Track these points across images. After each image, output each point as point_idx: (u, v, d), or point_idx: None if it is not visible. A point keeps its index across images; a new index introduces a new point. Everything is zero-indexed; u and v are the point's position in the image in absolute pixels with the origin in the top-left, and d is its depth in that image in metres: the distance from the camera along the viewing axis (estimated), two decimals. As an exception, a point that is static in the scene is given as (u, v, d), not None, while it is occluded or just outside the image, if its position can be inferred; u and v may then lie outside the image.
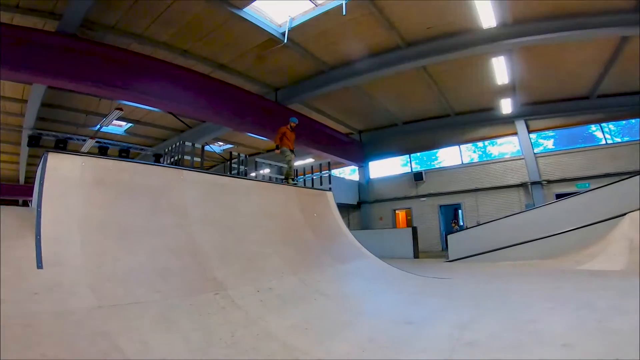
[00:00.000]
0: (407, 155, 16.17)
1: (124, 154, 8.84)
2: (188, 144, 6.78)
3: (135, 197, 3.51)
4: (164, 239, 3.40)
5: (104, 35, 8.09)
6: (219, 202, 4.47)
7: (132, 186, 3.55)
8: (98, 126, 11.95)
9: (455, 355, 2.46)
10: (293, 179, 7.82)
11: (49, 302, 2.22)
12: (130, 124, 13.55)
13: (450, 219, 15.91)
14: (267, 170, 10.10)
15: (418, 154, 16.00)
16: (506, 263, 8.08)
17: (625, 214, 7.03)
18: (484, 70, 10.43)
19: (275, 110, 11.64)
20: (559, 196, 11.15)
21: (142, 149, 11.93)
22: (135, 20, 7.93)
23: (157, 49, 8.85)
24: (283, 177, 7.88)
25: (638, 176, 7.69)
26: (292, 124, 7.80)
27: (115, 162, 3.65)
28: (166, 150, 7.51)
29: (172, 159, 6.90)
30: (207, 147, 12.62)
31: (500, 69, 10.10)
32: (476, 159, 14.74)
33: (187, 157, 6.59)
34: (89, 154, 3.96)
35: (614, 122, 12.62)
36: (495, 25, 8.18)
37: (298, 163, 14.60)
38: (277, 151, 7.60)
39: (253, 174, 8.82)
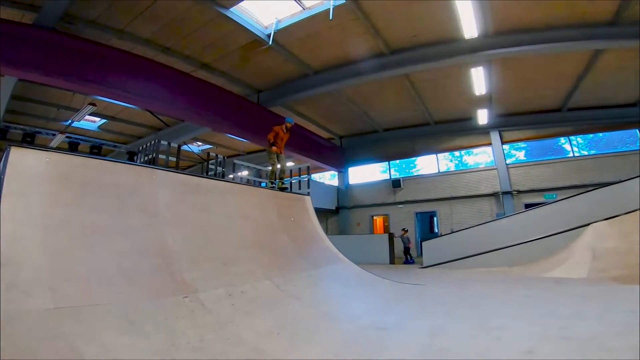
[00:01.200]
0: (387, 162, 16.44)
1: (96, 151, 8.47)
2: (164, 142, 6.59)
3: (103, 196, 3.36)
4: (131, 239, 3.27)
5: (83, 29, 7.84)
6: (192, 204, 4.36)
7: (99, 184, 3.40)
8: (69, 121, 11.46)
9: (426, 363, 2.49)
10: (273, 182, 7.37)
11: (3, 303, 2.09)
12: (104, 120, 13.10)
13: (427, 226, 16.26)
14: (245, 173, 9.96)
15: (397, 161, 16.32)
16: (477, 270, 8.29)
17: (588, 224, 7.43)
18: (463, 80, 10.76)
19: (257, 112, 11.56)
20: (528, 206, 11.63)
21: (115, 146, 11.50)
22: (117, 15, 7.75)
23: (137, 45, 8.64)
24: (271, 180, 7.42)
25: (608, 187, 8.19)
26: (288, 125, 7.37)
27: (82, 158, 3.48)
28: (140, 148, 7.26)
29: (147, 158, 6.68)
30: (185, 147, 12.36)
31: (479, 80, 10.39)
32: (452, 168, 15.19)
33: (162, 157, 6.40)
34: (56, 149, 3.78)
35: (581, 136, 13.35)
36: (476, 35, 8.42)
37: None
38: (274, 149, 7.20)
39: (231, 176, 8.68)
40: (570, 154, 13.30)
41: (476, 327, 3.27)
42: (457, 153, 15.24)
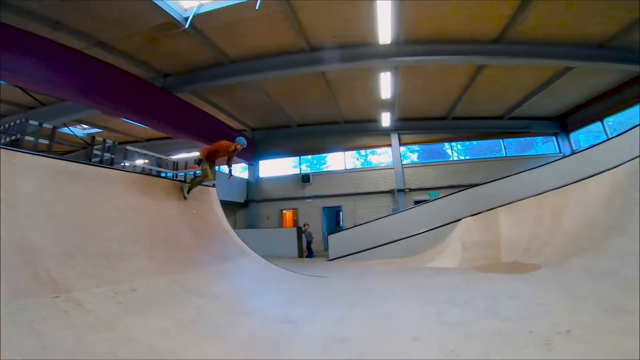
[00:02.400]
0: (298, 157, 16.77)
1: None
2: (33, 122, 5.40)
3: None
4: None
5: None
6: (66, 193, 3.74)
7: None
8: None
9: (329, 351, 2.60)
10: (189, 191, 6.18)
11: None
12: (-49, 93, 10.21)
13: (334, 220, 17.12)
14: (140, 161, 8.87)
15: (309, 156, 16.78)
16: (377, 262, 8.89)
17: (460, 220, 8.80)
18: (372, 84, 11.41)
19: (160, 97, 10.51)
20: (417, 202, 13.22)
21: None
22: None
23: (16, 15, 7.03)
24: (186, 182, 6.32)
25: (476, 187, 9.75)
26: (238, 147, 6.12)
27: None
28: (2, 128, 5.80)
29: (8, 139, 5.39)
30: (65, 129, 10.48)
31: (386, 84, 11.13)
32: (358, 166, 16.34)
33: (30, 139, 5.24)
34: None
35: (460, 142, 15.87)
36: (389, 42, 8.97)
37: (182, 156, 13.50)
38: (197, 166, 6.13)
39: (122, 164, 7.63)
40: (452, 158, 15.71)
41: (373, 316, 3.56)
42: (363, 152, 16.44)
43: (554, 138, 15.29)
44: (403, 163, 15.41)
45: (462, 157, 15.86)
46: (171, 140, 14.92)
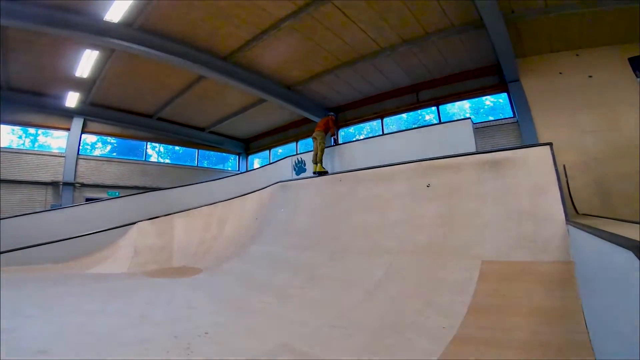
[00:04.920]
0: None
1: None
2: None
3: None
4: None
5: None
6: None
7: None
8: None
9: None
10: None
11: None
12: None
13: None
14: None
15: None
16: (15, 269, 6.83)
17: (136, 223, 8.57)
18: (69, 57, 9.24)
19: None
20: (89, 200, 11.51)
21: None
22: None
23: None
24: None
25: (154, 192, 9.82)
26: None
27: None
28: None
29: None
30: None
31: (88, 63, 9.48)
32: (25, 145, 12.23)
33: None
34: None
35: (164, 145, 15.57)
36: (116, 21, 7.66)
37: None
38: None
39: None
40: (151, 159, 14.99)
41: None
42: (32, 130, 12.32)
43: (237, 157, 18.36)
44: (81, 153, 12.89)
45: (162, 160, 15.58)
46: None
